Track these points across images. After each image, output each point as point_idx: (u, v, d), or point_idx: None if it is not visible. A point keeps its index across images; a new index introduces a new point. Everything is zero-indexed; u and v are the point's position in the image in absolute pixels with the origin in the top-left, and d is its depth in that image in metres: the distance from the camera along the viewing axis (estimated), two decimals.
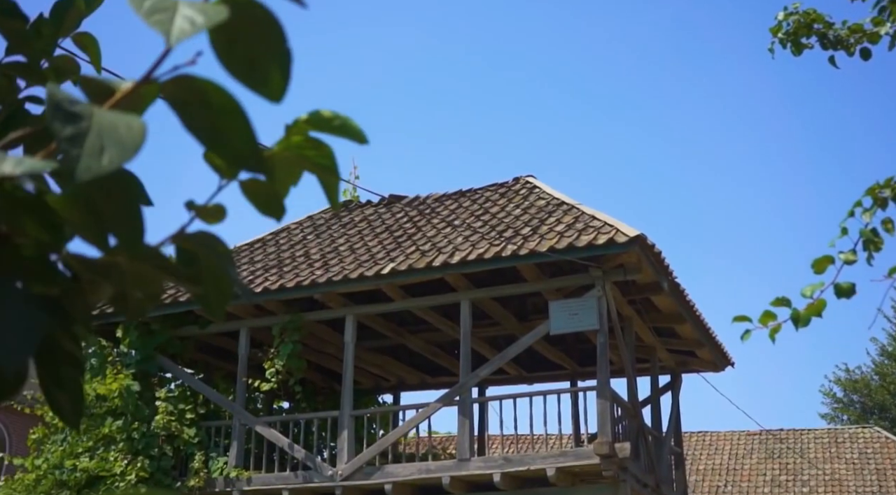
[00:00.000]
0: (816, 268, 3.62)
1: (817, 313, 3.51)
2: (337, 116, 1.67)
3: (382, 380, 16.36)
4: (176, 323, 13.17)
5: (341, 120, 1.68)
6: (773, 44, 4.98)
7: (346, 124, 1.66)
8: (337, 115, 1.67)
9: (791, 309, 3.58)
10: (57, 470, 11.90)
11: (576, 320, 11.02)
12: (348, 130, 1.67)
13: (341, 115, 1.66)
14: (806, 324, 3.55)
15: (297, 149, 1.69)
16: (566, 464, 10.63)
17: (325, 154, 1.69)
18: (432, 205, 14.15)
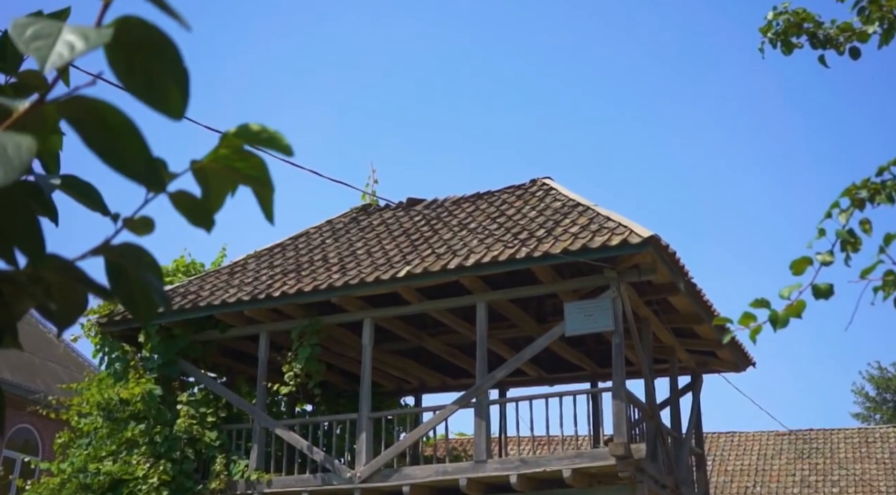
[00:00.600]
0: (795, 269, 3.64)
1: (797, 314, 3.53)
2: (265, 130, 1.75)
3: (404, 383, 16.45)
4: (197, 327, 13.35)
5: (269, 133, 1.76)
6: (762, 44, 4.99)
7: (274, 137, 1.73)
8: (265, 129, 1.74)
9: (770, 310, 3.61)
10: (81, 474, 12.09)
11: (591, 321, 11.03)
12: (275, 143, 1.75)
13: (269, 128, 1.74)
14: (784, 325, 3.57)
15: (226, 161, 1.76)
16: (582, 466, 10.63)
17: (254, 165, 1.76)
18: (450, 207, 14.21)
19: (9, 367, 24.87)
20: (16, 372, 24.77)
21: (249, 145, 1.71)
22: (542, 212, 12.53)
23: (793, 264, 3.55)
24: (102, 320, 13.39)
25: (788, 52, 4.99)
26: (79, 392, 13.48)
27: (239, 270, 13.94)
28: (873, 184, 3.53)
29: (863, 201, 3.57)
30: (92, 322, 13.61)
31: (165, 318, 12.96)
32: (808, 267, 3.63)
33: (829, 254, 3.57)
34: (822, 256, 3.55)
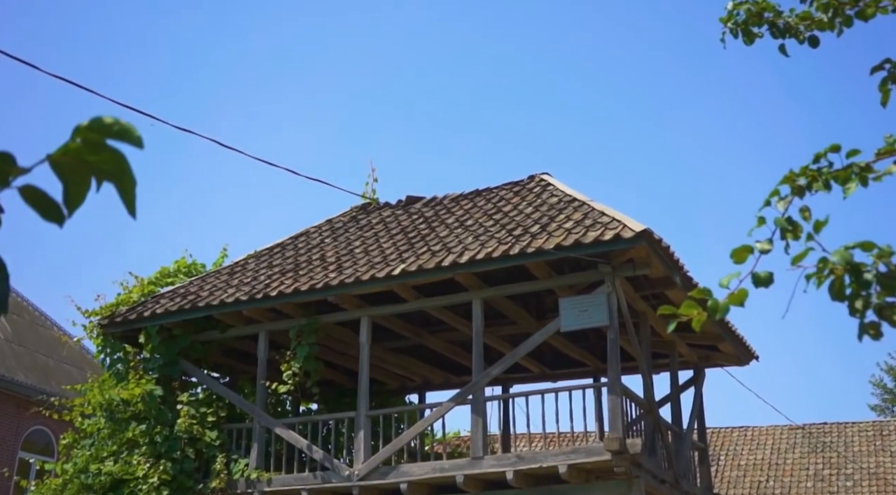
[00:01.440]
0: (736, 258, 3.61)
1: (738, 302, 3.51)
2: (117, 122, 1.76)
3: (408, 381, 16.47)
4: (197, 328, 13.42)
5: (120, 126, 1.77)
6: (724, 34, 4.96)
7: (126, 129, 1.75)
8: (117, 121, 1.75)
9: (710, 299, 3.60)
10: (83, 475, 12.19)
11: (585, 316, 11.00)
12: (127, 135, 1.76)
13: (121, 121, 1.75)
14: (724, 314, 3.55)
15: (78, 155, 1.77)
16: (578, 461, 10.61)
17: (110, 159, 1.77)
18: (448, 205, 14.22)
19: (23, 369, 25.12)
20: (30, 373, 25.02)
21: (102, 138, 1.72)
22: (539, 207, 12.51)
23: (733, 253, 3.53)
24: (104, 322, 13.50)
25: (750, 42, 4.96)
26: (82, 393, 13.59)
27: (239, 270, 14.01)
28: (811, 172, 3.51)
29: (802, 189, 3.54)
30: (94, 323, 13.72)
31: (165, 319, 13.05)
32: (750, 255, 3.62)
33: (769, 242, 3.54)
34: (760, 245, 3.53)
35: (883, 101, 4.32)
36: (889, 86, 4.29)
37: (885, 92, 4.31)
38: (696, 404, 14.05)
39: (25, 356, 25.84)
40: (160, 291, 14.09)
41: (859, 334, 3.33)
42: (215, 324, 13.39)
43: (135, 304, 13.68)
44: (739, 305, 3.51)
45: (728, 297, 3.56)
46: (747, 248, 3.58)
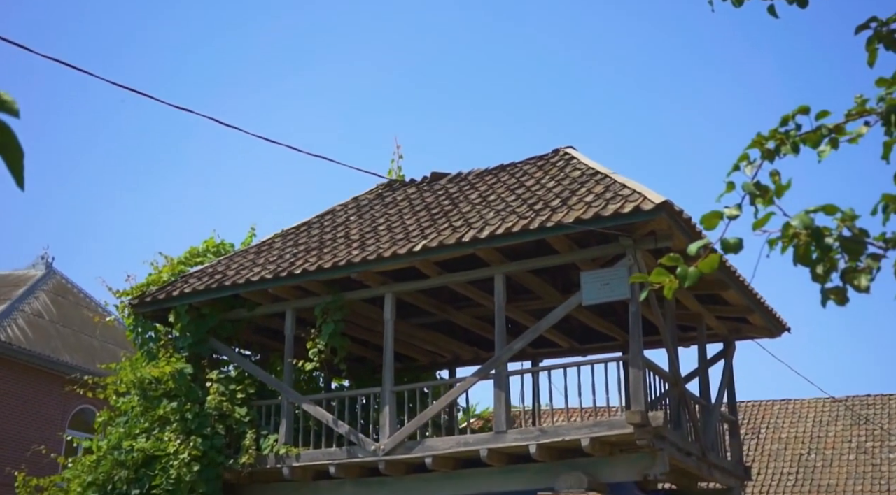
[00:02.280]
0: (706, 224, 3.58)
1: (709, 269, 3.47)
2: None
3: (438, 357, 16.55)
4: (226, 306, 13.59)
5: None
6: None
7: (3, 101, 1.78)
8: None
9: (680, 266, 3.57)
10: (116, 451, 12.45)
11: (607, 290, 10.94)
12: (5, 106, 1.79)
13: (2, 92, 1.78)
14: (694, 281, 3.52)
15: None
16: (600, 434, 10.59)
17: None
18: (473, 181, 14.19)
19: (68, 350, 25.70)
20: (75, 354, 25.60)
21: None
22: (561, 181, 12.44)
23: (703, 219, 3.49)
24: (134, 302, 13.74)
25: (738, 5, 4.87)
26: (116, 372, 13.86)
27: (266, 249, 14.14)
28: (780, 135, 3.44)
29: (772, 152, 3.48)
30: (125, 303, 13.97)
31: (194, 298, 13.24)
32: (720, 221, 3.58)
33: (737, 207, 3.49)
34: (729, 210, 3.49)
35: (870, 61, 4.22)
36: (876, 45, 4.18)
37: (871, 51, 4.20)
38: (726, 377, 13.92)
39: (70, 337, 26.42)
40: (189, 271, 14.29)
41: (822, 300, 3.28)
42: (243, 303, 13.55)
43: (164, 284, 13.90)
44: (710, 272, 3.48)
45: (699, 263, 3.53)
46: (717, 214, 3.54)
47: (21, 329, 24.82)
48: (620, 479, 10.96)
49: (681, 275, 3.56)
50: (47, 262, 28.78)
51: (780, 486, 23.66)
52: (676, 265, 3.57)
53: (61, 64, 7.14)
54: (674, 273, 3.61)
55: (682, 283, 3.54)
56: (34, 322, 25.63)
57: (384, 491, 12.29)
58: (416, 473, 12.05)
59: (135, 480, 12.22)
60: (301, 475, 12.53)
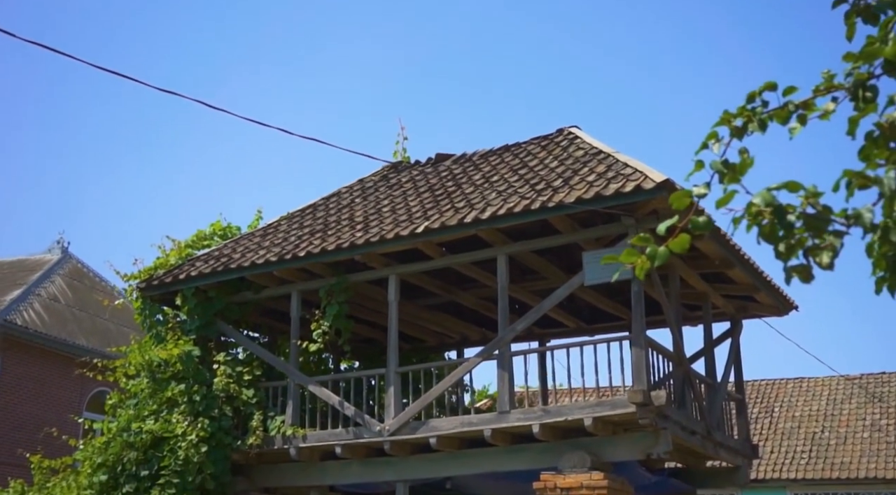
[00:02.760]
0: (676, 203, 3.57)
1: (680, 249, 3.46)
2: None
3: (446, 337, 16.59)
4: (232, 289, 13.67)
5: None
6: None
7: None
8: None
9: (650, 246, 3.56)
10: (125, 433, 12.58)
11: (609, 270, 10.87)
12: None
13: None
14: (664, 261, 3.52)
15: None
16: (603, 414, 10.60)
17: None
18: (477, 162, 14.16)
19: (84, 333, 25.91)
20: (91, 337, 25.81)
21: None
22: (564, 161, 12.40)
23: (673, 198, 3.48)
24: (142, 285, 13.84)
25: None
26: (124, 354, 13.98)
27: (272, 232, 14.19)
28: (747, 112, 3.42)
29: (741, 130, 3.46)
30: (132, 286, 14.08)
31: (200, 281, 13.32)
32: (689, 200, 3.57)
33: (706, 186, 3.48)
34: (697, 189, 3.48)
35: (848, 35, 4.16)
36: (854, 18, 4.13)
37: (850, 25, 4.15)
38: (733, 355, 13.88)
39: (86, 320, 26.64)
40: (196, 254, 14.37)
41: (786, 278, 3.26)
42: (249, 286, 13.62)
43: (171, 268, 13.99)
44: (682, 251, 3.47)
45: (669, 243, 3.53)
46: (686, 193, 3.53)
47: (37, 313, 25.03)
48: (624, 458, 10.99)
49: (650, 255, 3.55)
50: (63, 247, 28.99)
51: (793, 464, 23.65)
52: (647, 245, 3.57)
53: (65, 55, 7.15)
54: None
55: (652, 263, 3.54)
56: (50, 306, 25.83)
57: (390, 471, 12.37)
58: (422, 453, 12.12)
59: (144, 461, 12.36)
60: (308, 455, 12.63)
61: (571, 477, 10.68)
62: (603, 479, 10.53)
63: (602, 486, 10.52)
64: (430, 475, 12.25)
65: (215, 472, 12.33)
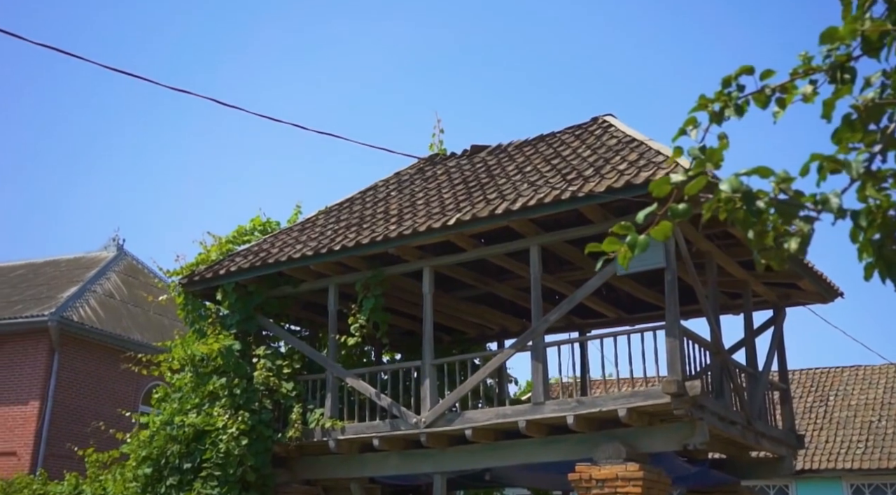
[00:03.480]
0: (656, 190, 3.53)
1: (662, 237, 3.44)
2: None
3: (486, 329, 16.59)
4: (271, 284, 13.83)
5: None
6: None
7: None
8: None
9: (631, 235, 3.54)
10: (168, 427, 12.83)
11: (642, 259, 10.76)
12: None
13: None
14: (644, 249, 3.49)
15: None
16: (637, 405, 10.50)
17: None
18: (511, 152, 14.12)
19: (138, 328, 26.43)
20: (145, 332, 26.32)
21: None
22: (597, 150, 12.29)
23: (653, 186, 3.45)
24: (183, 281, 14.08)
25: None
26: (169, 349, 14.25)
27: (309, 226, 14.32)
28: (724, 96, 3.36)
29: (719, 115, 3.40)
30: (175, 283, 14.33)
31: (239, 276, 13.50)
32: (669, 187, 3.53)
33: (684, 172, 3.44)
34: (675, 176, 3.43)
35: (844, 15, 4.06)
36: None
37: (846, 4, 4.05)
38: (775, 344, 13.64)
39: (140, 316, 27.17)
40: (236, 250, 14.57)
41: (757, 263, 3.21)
42: (288, 280, 13.76)
43: (212, 263, 14.20)
44: (663, 239, 3.44)
45: (651, 231, 3.50)
46: (666, 180, 3.49)
47: (93, 309, 25.56)
48: (660, 449, 10.88)
49: (630, 244, 3.52)
50: (118, 244, 29.57)
51: (848, 454, 23.16)
52: (628, 233, 3.54)
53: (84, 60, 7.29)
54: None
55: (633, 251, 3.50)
56: (105, 302, 26.36)
57: (428, 463, 12.42)
58: (458, 445, 12.15)
59: (186, 454, 12.58)
60: (347, 448, 12.75)
61: (607, 468, 10.61)
62: (638, 470, 10.44)
63: (637, 477, 10.42)
64: (466, 467, 12.27)
65: (256, 464, 12.51)
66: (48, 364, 22.60)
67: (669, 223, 3.51)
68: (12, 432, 22.22)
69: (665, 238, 3.41)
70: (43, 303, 23.35)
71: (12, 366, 22.39)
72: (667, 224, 3.51)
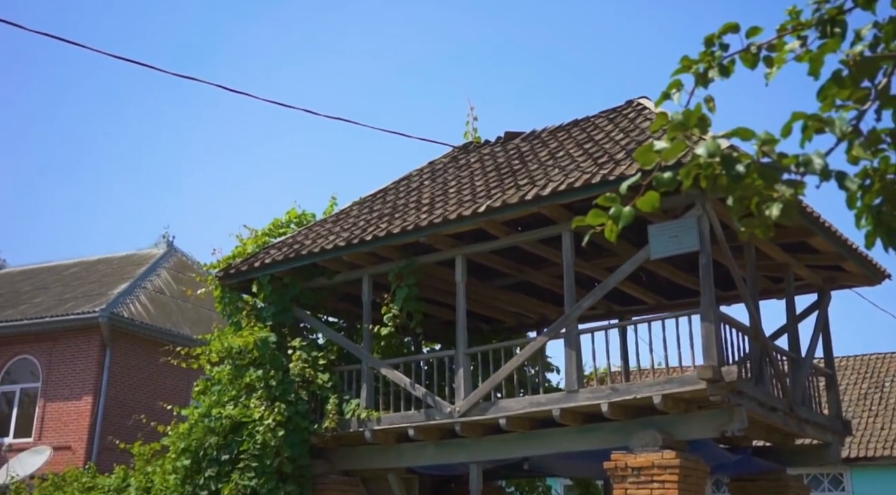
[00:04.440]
0: (641, 160, 3.40)
1: (649, 207, 3.29)
2: None
3: (524, 318, 16.43)
4: (306, 275, 13.84)
5: None
6: None
7: None
8: None
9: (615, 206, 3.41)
10: (206, 419, 12.91)
11: (675, 242, 10.56)
12: None
13: None
14: (628, 221, 3.36)
15: None
16: (673, 391, 10.28)
17: None
18: (545, 138, 13.93)
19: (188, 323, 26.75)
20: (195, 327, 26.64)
21: None
22: (629, 133, 12.05)
23: (637, 154, 3.30)
24: (220, 274, 14.16)
25: None
26: (207, 342, 14.35)
27: (343, 217, 14.30)
28: (708, 57, 3.20)
29: (704, 76, 3.24)
30: (212, 276, 14.42)
31: (274, 268, 13.54)
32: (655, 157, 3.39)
33: (669, 140, 3.29)
34: (660, 143, 3.28)
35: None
36: None
37: None
38: (819, 328, 13.27)
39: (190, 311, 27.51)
40: (272, 242, 14.61)
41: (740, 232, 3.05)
42: (322, 271, 13.76)
43: (248, 256, 14.26)
44: (650, 210, 3.30)
45: (636, 201, 3.36)
46: (650, 148, 3.35)
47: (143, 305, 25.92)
48: (697, 437, 10.64)
49: (615, 216, 3.39)
50: (168, 241, 29.98)
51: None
52: (612, 205, 3.41)
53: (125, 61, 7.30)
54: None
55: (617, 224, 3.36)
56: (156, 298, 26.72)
57: (463, 453, 12.33)
58: (494, 434, 12.03)
59: (224, 446, 12.66)
60: (383, 438, 12.71)
61: (642, 456, 10.41)
62: (675, 458, 10.23)
63: (674, 465, 10.21)
64: (502, 456, 12.16)
65: (293, 455, 12.54)
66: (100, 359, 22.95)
67: (656, 193, 3.37)
68: (67, 427, 22.63)
69: (652, 209, 3.26)
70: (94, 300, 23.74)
71: (66, 363, 22.81)
72: (653, 194, 3.37)
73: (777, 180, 2.79)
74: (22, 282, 28.70)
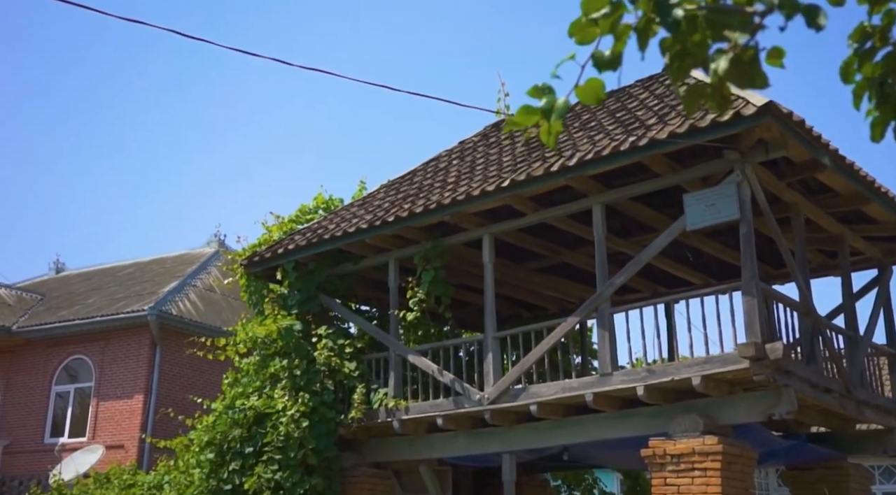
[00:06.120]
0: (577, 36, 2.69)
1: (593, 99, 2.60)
2: None
3: (566, 303, 15.69)
4: (332, 261, 13.33)
5: None
6: None
7: None
8: None
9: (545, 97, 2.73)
10: (230, 411, 12.49)
11: (713, 211, 9.76)
12: None
13: None
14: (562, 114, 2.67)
15: None
16: (712, 372, 9.48)
17: None
18: (578, 110, 13.19)
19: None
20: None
21: None
22: (664, 98, 11.27)
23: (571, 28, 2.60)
24: (244, 262, 13.75)
25: None
26: (234, 333, 13.95)
27: (369, 201, 13.77)
28: None
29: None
30: (238, 264, 14.02)
31: (298, 254, 13.06)
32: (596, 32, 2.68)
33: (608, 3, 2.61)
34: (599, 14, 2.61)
35: None
36: None
37: None
38: (880, 305, 12.28)
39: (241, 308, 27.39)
40: (298, 228, 14.15)
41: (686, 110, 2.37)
42: (348, 257, 13.24)
43: (272, 243, 13.82)
44: (594, 102, 2.62)
45: (578, 90, 2.66)
46: (590, 23, 2.66)
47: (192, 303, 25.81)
48: (742, 420, 9.83)
49: (545, 109, 2.70)
50: (220, 240, 29.96)
51: None
52: (542, 97, 2.72)
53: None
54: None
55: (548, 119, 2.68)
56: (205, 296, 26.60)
57: (496, 442, 11.69)
58: (526, 422, 11.36)
59: (248, 438, 12.22)
60: (412, 428, 12.13)
61: (682, 442, 9.63)
62: (717, 443, 9.42)
63: (716, 452, 9.41)
64: (535, 445, 11.47)
65: (318, 447, 12.02)
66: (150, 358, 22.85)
67: (599, 80, 2.67)
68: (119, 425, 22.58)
69: (596, 101, 2.57)
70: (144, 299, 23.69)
71: (117, 362, 22.79)
72: (596, 81, 2.67)
73: (726, 26, 2.11)
74: (78, 284, 28.91)
